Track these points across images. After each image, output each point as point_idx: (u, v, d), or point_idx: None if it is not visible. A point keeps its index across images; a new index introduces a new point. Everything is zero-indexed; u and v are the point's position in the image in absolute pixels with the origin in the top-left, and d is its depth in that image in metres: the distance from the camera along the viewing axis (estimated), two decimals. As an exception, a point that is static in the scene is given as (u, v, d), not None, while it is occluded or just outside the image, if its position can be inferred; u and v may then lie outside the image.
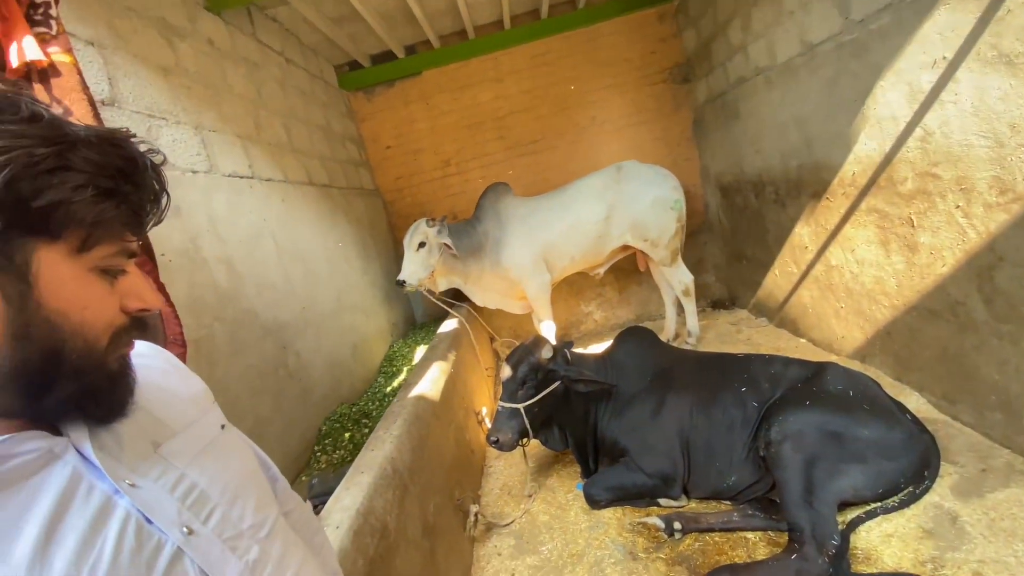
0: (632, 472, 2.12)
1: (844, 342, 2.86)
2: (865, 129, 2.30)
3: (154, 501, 0.47)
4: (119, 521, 0.44)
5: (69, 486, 0.43)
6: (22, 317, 0.40)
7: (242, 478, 0.57)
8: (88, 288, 0.44)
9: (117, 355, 0.48)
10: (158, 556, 0.45)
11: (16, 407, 0.43)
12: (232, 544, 0.51)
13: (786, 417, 1.79)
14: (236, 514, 0.53)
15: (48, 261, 0.41)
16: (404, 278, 3.23)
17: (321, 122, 3.60)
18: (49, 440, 0.44)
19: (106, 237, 0.44)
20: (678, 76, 4.26)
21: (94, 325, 0.45)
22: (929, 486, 1.78)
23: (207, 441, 0.57)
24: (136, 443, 0.50)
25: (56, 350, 0.42)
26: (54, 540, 0.40)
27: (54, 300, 0.42)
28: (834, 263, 2.78)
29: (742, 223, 3.87)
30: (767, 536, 1.84)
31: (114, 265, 0.46)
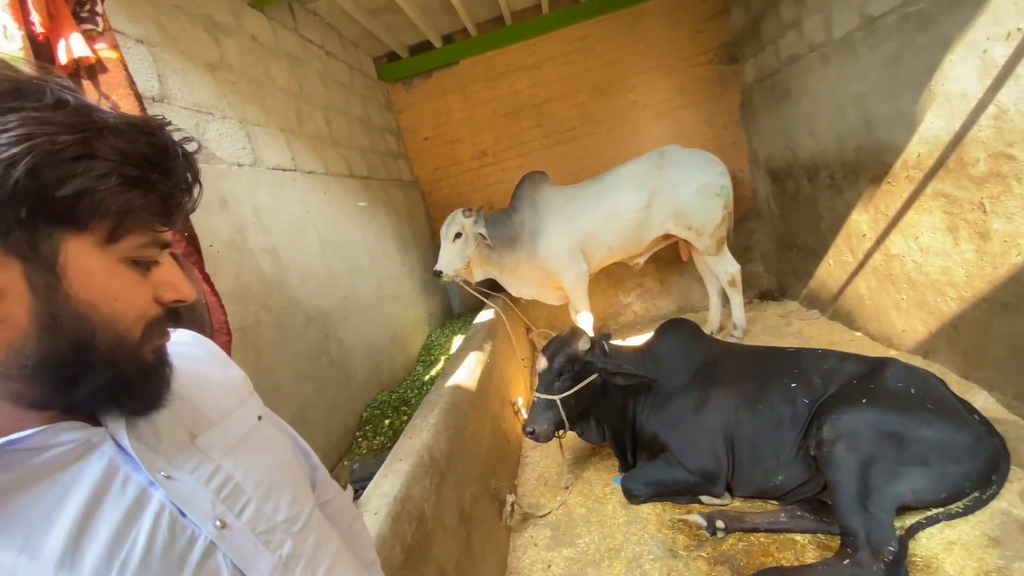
0: (673, 468, 2.07)
1: (905, 336, 2.68)
2: (932, 107, 2.12)
3: (189, 494, 0.47)
4: (153, 514, 0.44)
5: (104, 478, 0.43)
6: (50, 308, 0.40)
7: (277, 471, 0.57)
8: (118, 279, 0.43)
9: (152, 346, 0.47)
10: (191, 550, 0.45)
11: (48, 398, 0.43)
12: (265, 538, 0.51)
13: (840, 415, 1.69)
14: (270, 508, 0.53)
15: (76, 252, 0.41)
16: (440, 268, 3.25)
17: (361, 114, 3.65)
18: (87, 431, 0.44)
19: (135, 227, 0.43)
20: (725, 56, 4.06)
21: (125, 316, 0.44)
22: (997, 491, 1.65)
23: (243, 433, 0.57)
24: (174, 433, 0.50)
25: (85, 341, 0.42)
26: (87, 533, 0.40)
27: (83, 291, 0.41)
28: (895, 252, 2.60)
29: (793, 210, 3.67)
30: (817, 539, 1.75)
31: (145, 256, 0.45)
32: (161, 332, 0.48)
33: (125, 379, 0.45)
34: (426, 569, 1.32)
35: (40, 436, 0.41)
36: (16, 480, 0.39)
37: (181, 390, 0.54)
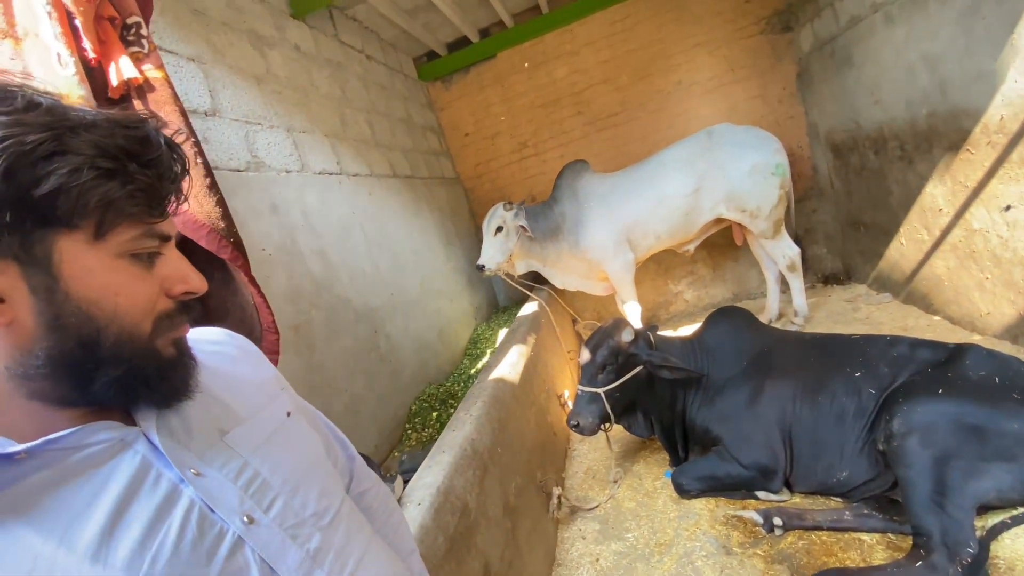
0: (726, 463, 1.99)
1: (990, 319, 2.43)
2: (1015, 63, 1.89)
3: (217, 490, 0.48)
4: (183, 510, 0.45)
5: (137, 475, 0.45)
6: (52, 309, 0.41)
7: (305, 467, 0.58)
8: (117, 274, 0.44)
9: (169, 340, 0.48)
10: (219, 545, 0.46)
11: (70, 395, 0.44)
12: (293, 532, 0.52)
13: (913, 407, 1.56)
14: (298, 503, 0.54)
15: (69, 251, 0.41)
16: (483, 263, 3.27)
17: (402, 115, 3.72)
18: (121, 430, 0.46)
19: (122, 220, 0.43)
20: (778, 25, 3.81)
21: (131, 311, 0.44)
22: (1099, 491, 1.46)
23: (272, 429, 0.58)
24: (204, 430, 0.52)
25: (92, 338, 0.43)
26: (119, 528, 0.42)
27: (83, 289, 0.42)
28: (977, 227, 2.36)
29: (859, 185, 3.41)
30: (886, 539, 1.63)
31: (142, 248, 0.45)
32: (174, 325, 0.49)
33: (141, 373, 0.46)
34: (470, 559, 1.34)
35: (76, 435, 0.43)
36: (55, 477, 0.42)
37: (212, 387, 0.57)
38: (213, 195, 1.08)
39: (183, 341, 0.51)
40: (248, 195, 1.91)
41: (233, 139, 1.93)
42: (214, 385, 0.57)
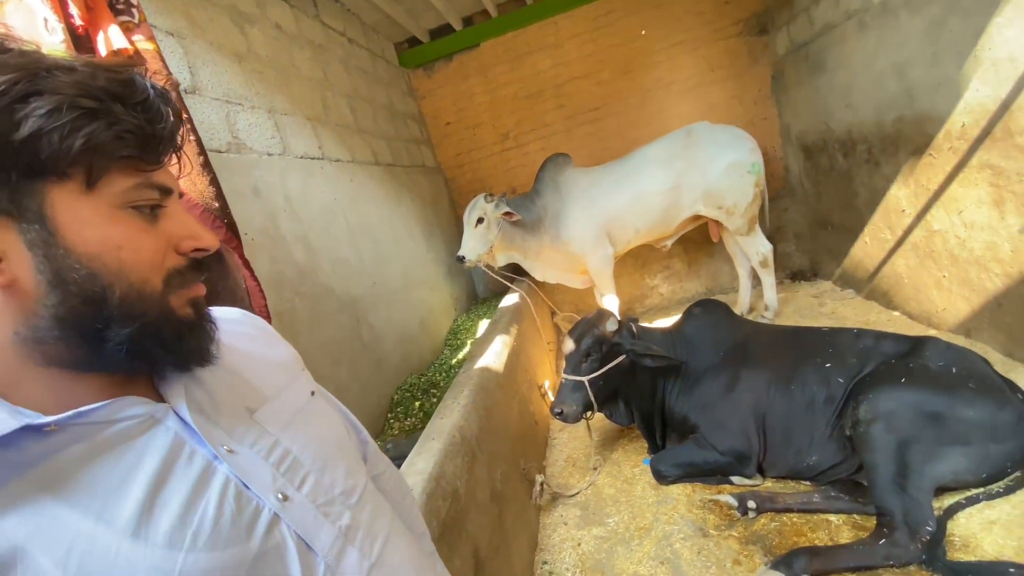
0: (703, 449, 2.06)
1: (945, 315, 2.59)
2: (978, 73, 2.01)
3: (250, 467, 0.48)
4: (219, 486, 0.44)
5: (172, 451, 0.44)
6: (51, 265, 0.39)
7: (332, 445, 0.58)
8: (116, 227, 0.42)
9: (184, 299, 0.46)
10: (256, 521, 0.45)
11: (85, 358, 0.43)
12: (325, 510, 0.52)
13: (877, 395, 1.66)
14: (327, 481, 0.54)
15: (63, 202, 0.39)
16: (464, 254, 3.26)
17: (384, 101, 3.66)
18: (151, 406, 0.45)
19: (112, 166, 0.41)
20: (754, 27, 3.91)
21: (137, 266, 0.42)
22: (1043, 472, 1.59)
23: (298, 408, 0.58)
24: (232, 408, 0.52)
25: (98, 295, 0.41)
26: (157, 504, 0.41)
27: (81, 244, 0.40)
28: (936, 227, 2.50)
29: (828, 186, 3.55)
30: (851, 519, 1.73)
31: (142, 200, 0.43)
32: (186, 282, 0.47)
33: (155, 333, 0.44)
34: (460, 543, 1.36)
35: (106, 409, 0.42)
36: (90, 451, 0.41)
37: (235, 366, 0.56)
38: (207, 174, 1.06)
39: (201, 303, 0.49)
40: (230, 177, 1.86)
41: (214, 118, 1.87)
42: (237, 363, 0.56)
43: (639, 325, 2.34)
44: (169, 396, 0.48)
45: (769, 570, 1.54)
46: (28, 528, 0.37)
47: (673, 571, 1.73)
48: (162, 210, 0.46)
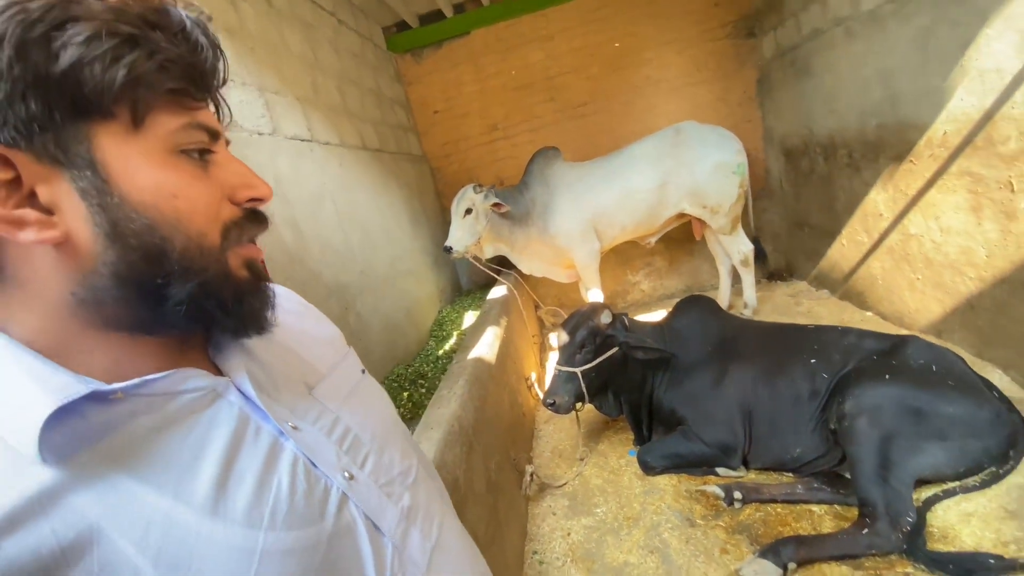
0: (690, 441, 2.10)
1: (917, 315, 2.70)
2: (963, 83, 2.09)
3: (315, 445, 0.46)
4: (289, 464, 0.43)
5: (239, 426, 0.42)
6: (107, 216, 0.36)
7: (387, 424, 0.56)
8: (169, 172, 0.39)
9: (241, 258, 0.44)
10: (327, 500, 0.44)
11: (144, 319, 0.40)
12: (387, 490, 0.50)
13: (863, 391, 1.72)
14: (386, 460, 0.52)
15: (111, 145, 0.36)
16: (451, 244, 3.23)
17: (372, 85, 3.58)
18: (211, 379, 0.43)
19: (158, 101, 0.38)
20: (743, 30, 3.98)
21: (193, 217, 0.40)
22: (1014, 466, 1.68)
23: (352, 385, 0.56)
24: (290, 384, 0.49)
25: (157, 248, 0.38)
26: (231, 479, 0.39)
27: (136, 191, 0.37)
28: (913, 231, 2.60)
29: (808, 189, 3.65)
30: (833, 510, 1.79)
31: (191, 143, 0.40)
32: (244, 237, 0.44)
33: (216, 293, 0.41)
34: (460, 533, 1.35)
35: (170, 380, 0.40)
36: (158, 424, 0.38)
37: (287, 342, 0.54)
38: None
39: (257, 265, 0.46)
40: (219, 155, 1.78)
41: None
42: (288, 339, 0.54)
43: (630, 319, 2.37)
44: (229, 370, 0.45)
45: (757, 559, 1.58)
46: (103, 506, 0.34)
47: (662, 560, 1.76)
48: (211, 156, 0.42)
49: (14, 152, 0.34)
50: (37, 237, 0.35)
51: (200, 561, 0.35)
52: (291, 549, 0.39)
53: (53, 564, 0.31)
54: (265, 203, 0.46)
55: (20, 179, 0.34)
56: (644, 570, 1.74)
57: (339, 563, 0.42)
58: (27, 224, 0.34)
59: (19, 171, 0.34)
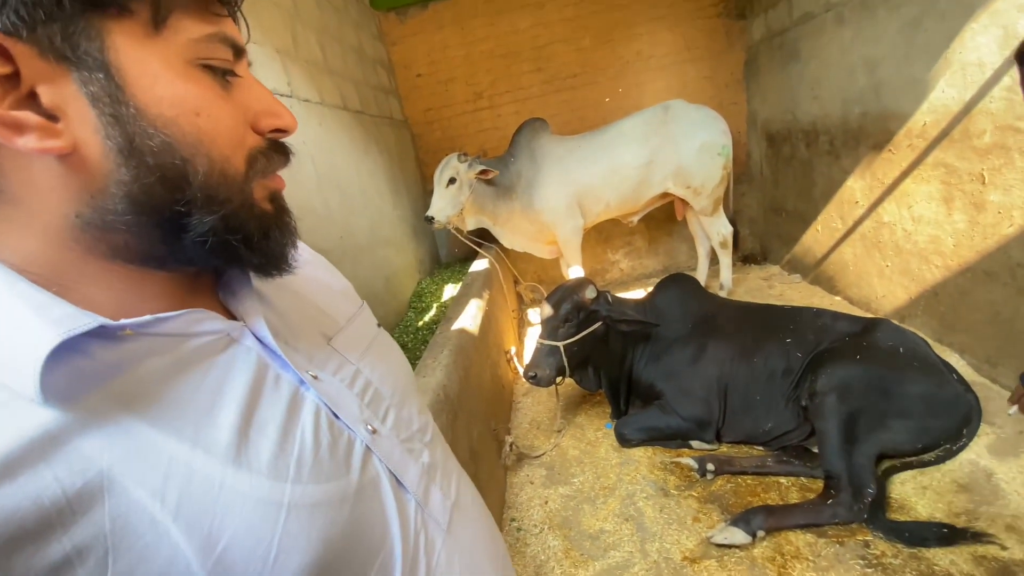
0: (667, 415, 2.16)
1: (884, 301, 2.82)
2: (946, 75, 2.14)
3: (337, 396, 0.43)
4: (311, 414, 0.40)
5: (257, 373, 0.39)
6: (120, 128, 0.32)
7: (404, 381, 0.54)
8: (191, 85, 0.35)
9: (265, 190, 0.40)
10: (351, 453, 0.42)
11: (157, 251, 0.36)
12: (408, 446, 0.48)
13: (834, 369, 1.79)
14: (406, 416, 0.50)
15: (127, 47, 0.32)
16: (432, 214, 3.16)
17: (354, 43, 3.41)
18: (225, 322, 0.40)
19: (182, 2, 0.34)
20: (733, 10, 3.95)
21: (215, 139, 0.36)
22: (966, 444, 1.79)
23: (370, 338, 0.54)
24: (307, 333, 0.47)
25: (178, 171, 0.34)
26: (252, 427, 0.36)
27: (153, 103, 0.33)
28: (886, 220, 2.68)
29: (787, 174, 3.72)
30: (800, 482, 1.88)
31: (213, 57, 0.36)
32: (268, 168, 0.40)
33: (239, 226, 0.38)
34: (445, 500, 1.35)
35: (182, 320, 0.36)
36: (171, 367, 0.35)
37: (303, 290, 0.51)
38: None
39: (281, 198, 0.42)
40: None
41: None
42: (304, 287, 0.51)
43: (613, 296, 2.38)
44: (243, 314, 0.42)
45: (728, 526, 1.65)
46: (115, 452, 0.31)
47: (637, 528, 1.82)
48: (235, 78, 0.38)
49: (13, 42, 0.29)
50: (39, 145, 0.30)
51: (225, 514, 0.33)
52: (319, 503, 0.37)
53: (57, 517, 0.28)
54: (289, 134, 0.42)
55: (19, 75, 0.30)
56: (619, 537, 1.79)
57: (365, 519, 0.40)
58: (27, 129, 0.30)
59: (18, 65, 0.29)
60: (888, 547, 1.52)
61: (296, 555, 0.34)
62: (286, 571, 0.34)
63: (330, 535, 0.37)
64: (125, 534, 0.30)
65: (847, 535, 1.59)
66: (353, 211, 2.80)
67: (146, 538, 0.30)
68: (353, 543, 0.39)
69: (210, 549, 0.31)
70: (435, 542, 0.46)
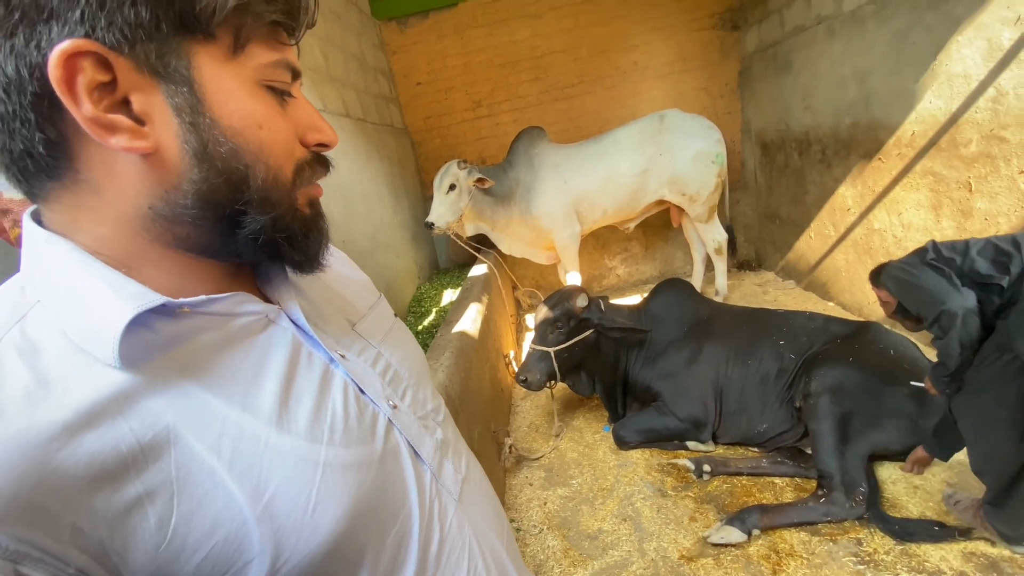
0: (663, 416, 2.19)
1: (875, 306, 2.86)
2: (933, 87, 2.21)
3: (362, 373, 0.48)
4: (341, 388, 0.45)
5: (293, 350, 0.43)
6: (198, 135, 0.37)
7: (420, 364, 0.59)
8: (257, 103, 0.39)
9: (306, 196, 0.45)
10: (376, 424, 0.46)
11: (214, 243, 0.41)
12: (423, 423, 0.53)
13: (828, 371, 1.83)
14: (421, 396, 0.55)
15: (208, 67, 0.37)
16: (432, 220, 3.22)
17: (355, 51, 3.47)
18: (264, 305, 0.44)
19: (258, 33, 0.39)
20: (728, 22, 4.04)
21: (273, 150, 0.40)
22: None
23: (389, 325, 0.58)
24: (335, 318, 0.51)
25: (240, 174, 0.39)
26: (291, 396, 0.41)
27: (226, 116, 0.38)
28: (877, 226, 2.74)
29: (781, 182, 3.79)
30: (794, 482, 1.91)
31: (277, 80, 0.41)
32: (314, 178, 0.45)
33: (286, 227, 0.42)
34: (447, 497, 1.38)
35: (230, 301, 0.41)
36: (221, 341, 0.40)
37: (328, 280, 0.55)
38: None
39: (318, 203, 0.47)
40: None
41: None
42: (328, 278, 0.55)
43: (607, 302, 2.43)
44: (279, 299, 0.47)
45: (725, 525, 1.68)
46: (177, 410, 0.35)
47: (634, 528, 1.85)
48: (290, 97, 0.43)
49: (115, 56, 0.33)
50: (128, 144, 0.35)
51: (271, 469, 0.37)
52: (350, 464, 0.41)
53: (132, 462, 0.33)
54: (331, 148, 0.47)
55: (116, 83, 0.34)
56: (617, 537, 1.82)
57: (388, 482, 0.45)
58: (119, 130, 0.34)
59: (116, 75, 0.34)
60: (880, 544, 1.56)
61: (332, 507, 0.39)
62: (323, 521, 0.38)
63: (359, 493, 0.41)
64: (188, 480, 0.34)
65: (840, 533, 1.63)
66: (355, 217, 2.83)
67: (205, 485, 0.35)
68: (378, 503, 0.43)
69: (259, 497, 0.36)
70: (448, 509, 0.51)
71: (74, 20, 0.32)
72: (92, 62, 0.33)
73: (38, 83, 0.32)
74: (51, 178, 0.36)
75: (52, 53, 0.31)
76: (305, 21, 0.43)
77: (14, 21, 0.32)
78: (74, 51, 0.32)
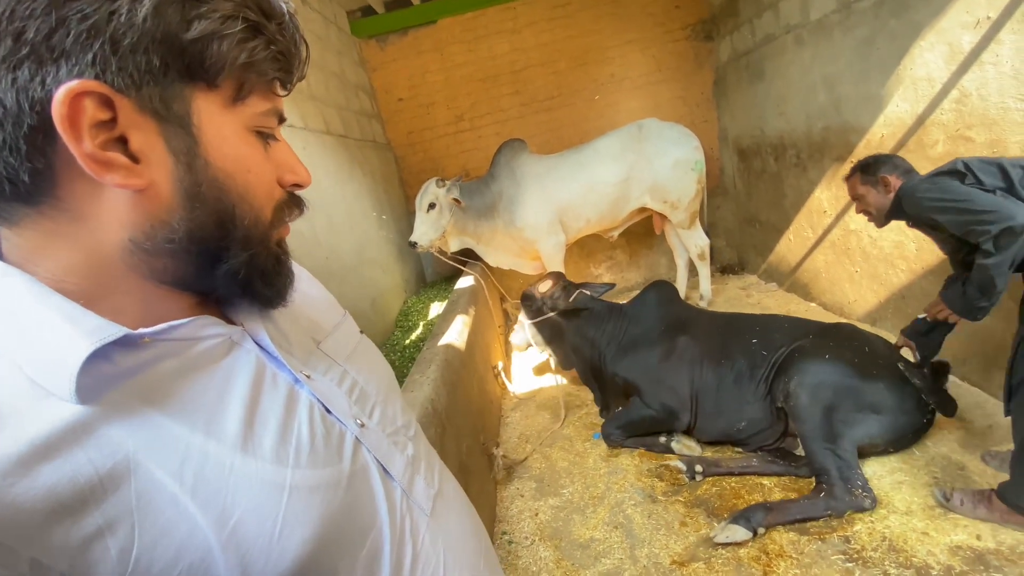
0: (640, 408, 2.26)
1: (855, 306, 2.92)
2: (899, 91, 2.28)
3: (328, 393, 0.48)
4: (306, 408, 0.45)
5: (257, 372, 0.43)
6: (192, 176, 0.38)
7: (386, 382, 0.59)
8: (248, 149, 0.41)
9: (278, 235, 0.46)
10: (343, 444, 0.46)
11: (190, 277, 0.42)
12: (393, 439, 0.53)
13: (806, 368, 1.86)
14: (390, 413, 0.55)
15: (208, 113, 0.39)
16: (415, 240, 3.25)
17: (336, 69, 3.49)
18: (228, 327, 0.44)
19: (258, 87, 0.41)
20: (701, 33, 4.14)
21: (257, 193, 0.42)
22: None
23: (354, 343, 0.58)
24: (298, 338, 0.51)
25: (228, 215, 0.40)
26: (256, 419, 0.41)
27: (220, 159, 0.39)
28: (853, 227, 2.80)
29: (759, 187, 3.86)
30: (782, 482, 1.93)
31: (267, 126, 0.43)
32: (287, 218, 0.47)
33: (260, 265, 0.44)
34: (436, 511, 1.37)
35: (191, 326, 0.41)
36: (182, 368, 0.39)
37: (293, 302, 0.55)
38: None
39: (285, 243, 0.49)
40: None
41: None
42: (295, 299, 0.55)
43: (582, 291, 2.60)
44: (244, 321, 0.47)
45: (730, 524, 1.69)
46: (138, 439, 0.35)
47: (626, 535, 1.84)
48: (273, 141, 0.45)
49: (120, 97, 0.34)
50: (122, 181, 0.35)
51: (236, 493, 0.37)
52: (316, 486, 0.41)
53: (91, 493, 0.32)
54: (304, 188, 0.48)
55: (115, 122, 0.35)
56: (609, 544, 1.81)
57: (357, 502, 0.45)
58: (114, 167, 0.35)
59: (117, 114, 0.35)
60: (868, 541, 1.57)
61: (299, 530, 0.39)
62: (290, 544, 0.38)
63: (327, 514, 0.41)
64: (150, 509, 0.34)
65: (828, 531, 1.64)
66: (339, 233, 2.83)
67: (168, 513, 0.34)
68: (347, 523, 0.43)
69: (224, 523, 0.36)
70: (420, 526, 0.51)
71: (85, 62, 0.33)
72: (95, 101, 0.34)
73: (37, 116, 0.33)
74: (27, 204, 0.36)
75: (59, 91, 0.32)
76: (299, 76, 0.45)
77: (21, 56, 0.32)
78: (82, 91, 0.33)
